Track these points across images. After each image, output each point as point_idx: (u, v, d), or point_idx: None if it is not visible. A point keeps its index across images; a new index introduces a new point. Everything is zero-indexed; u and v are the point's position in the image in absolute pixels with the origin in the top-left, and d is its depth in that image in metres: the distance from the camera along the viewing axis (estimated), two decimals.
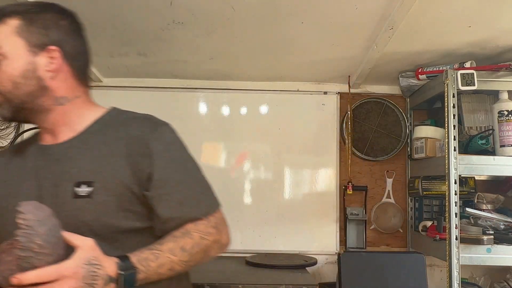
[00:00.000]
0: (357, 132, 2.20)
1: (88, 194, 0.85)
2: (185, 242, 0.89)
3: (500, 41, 1.62)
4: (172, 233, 0.90)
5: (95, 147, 0.91)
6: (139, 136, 0.92)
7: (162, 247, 0.87)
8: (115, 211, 0.87)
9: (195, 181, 0.96)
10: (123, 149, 0.90)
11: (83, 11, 1.45)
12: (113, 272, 0.79)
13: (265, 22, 1.51)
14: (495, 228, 1.70)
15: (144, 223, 0.91)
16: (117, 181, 0.87)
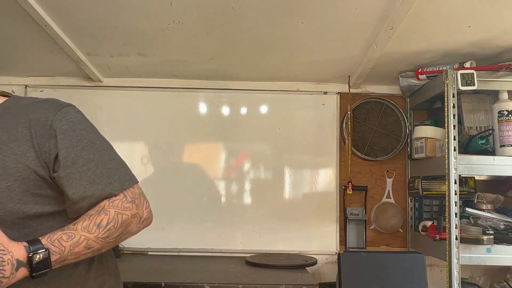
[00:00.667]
0: (357, 132, 2.20)
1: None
2: (101, 218, 0.87)
3: (500, 41, 1.62)
4: (87, 213, 0.89)
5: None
6: (41, 118, 0.88)
7: (76, 226, 0.85)
8: (20, 196, 0.85)
9: (106, 159, 0.94)
10: (25, 133, 0.87)
11: (83, 11, 1.46)
12: (22, 256, 0.77)
13: (265, 22, 1.51)
14: (495, 228, 1.70)
15: (55, 207, 0.90)
16: (20, 165, 0.85)
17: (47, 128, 0.87)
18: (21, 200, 0.85)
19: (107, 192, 0.90)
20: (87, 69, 1.99)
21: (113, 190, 0.91)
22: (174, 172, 2.15)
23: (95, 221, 0.86)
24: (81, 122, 0.95)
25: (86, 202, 0.89)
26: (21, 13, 1.43)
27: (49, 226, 0.88)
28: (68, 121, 0.91)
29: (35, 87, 2.23)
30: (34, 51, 1.86)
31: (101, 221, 0.87)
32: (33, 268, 0.78)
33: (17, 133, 0.87)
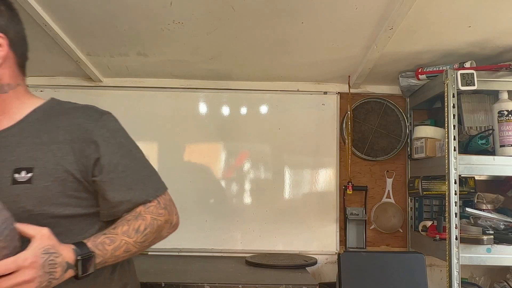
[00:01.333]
0: (357, 132, 2.20)
1: (27, 180, 0.86)
2: (139, 224, 0.92)
3: (500, 41, 1.62)
4: (124, 217, 0.93)
5: (35, 135, 0.91)
6: (83, 124, 0.93)
7: (116, 231, 0.89)
8: (57, 197, 0.88)
9: (141, 166, 1.00)
10: (66, 136, 0.91)
11: (83, 11, 1.46)
12: (71, 258, 0.81)
13: (265, 22, 1.51)
14: (495, 228, 1.70)
15: (87, 209, 0.94)
16: (59, 167, 0.88)
17: (88, 134, 0.93)
18: (57, 201, 0.88)
19: (143, 198, 0.96)
20: (87, 69, 1.99)
21: (148, 196, 0.96)
22: (174, 172, 2.15)
23: (134, 226, 0.92)
24: (120, 130, 1.02)
25: (123, 206, 0.94)
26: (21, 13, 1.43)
27: (81, 227, 0.92)
28: (108, 128, 0.97)
29: (35, 87, 2.23)
30: (34, 51, 1.84)
31: (139, 226, 0.92)
32: (78, 270, 0.82)
33: (58, 136, 0.91)
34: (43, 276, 0.75)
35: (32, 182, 0.86)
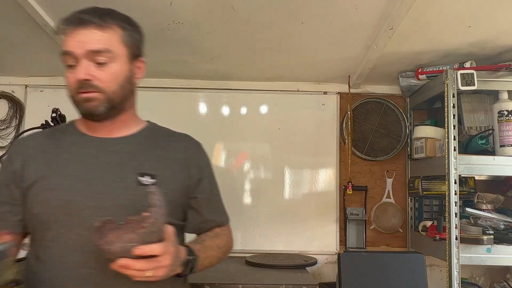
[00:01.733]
0: (357, 132, 2.20)
1: (152, 184, 0.98)
2: (219, 241, 1.10)
3: (500, 41, 1.62)
4: (206, 234, 1.10)
5: (151, 148, 1.05)
6: (188, 147, 1.11)
7: (205, 243, 1.03)
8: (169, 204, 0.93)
9: (219, 194, 1.18)
10: (177, 155, 1.06)
11: None
12: (185, 257, 0.92)
13: (265, 22, 1.51)
14: (495, 228, 1.70)
15: (180, 221, 1.06)
16: (173, 180, 1.02)
17: (194, 157, 1.09)
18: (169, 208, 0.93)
19: (221, 222, 1.16)
20: None
21: (224, 221, 1.17)
22: None
23: (216, 242, 1.09)
24: (210, 160, 1.17)
25: (209, 224, 1.12)
26: (21, 13, 1.44)
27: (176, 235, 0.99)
28: (206, 156, 1.14)
29: (35, 87, 2.23)
30: (34, 51, 1.86)
31: (219, 243, 1.10)
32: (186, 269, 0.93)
33: (170, 153, 1.06)
34: (172, 265, 0.86)
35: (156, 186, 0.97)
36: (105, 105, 0.97)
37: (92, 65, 0.95)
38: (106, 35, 0.96)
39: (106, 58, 0.95)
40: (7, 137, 2.17)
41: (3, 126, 2.18)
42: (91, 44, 0.94)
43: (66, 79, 0.99)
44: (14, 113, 2.19)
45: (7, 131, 2.18)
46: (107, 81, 0.96)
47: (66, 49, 0.96)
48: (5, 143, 2.16)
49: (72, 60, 0.96)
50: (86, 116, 1.00)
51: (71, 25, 0.96)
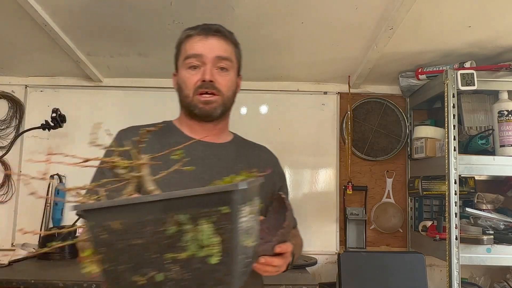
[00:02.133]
0: (357, 132, 2.20)
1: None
2: (299, 240, 1.18)
3: (500, 41, 1.62)
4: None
5: (247, 155, 1.15)
6: (273, 159, 1.24)
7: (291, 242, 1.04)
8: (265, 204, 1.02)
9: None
10: (267, 163, 1.16)
11: (83, 11, 1.46)
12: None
13: (265, 22, 1.51)
14: (495, 228, 1.70)
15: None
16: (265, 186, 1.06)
17: (277, 167, 1.22)
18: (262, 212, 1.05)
19: (295, 223, 1.25)
20: (87, 69, 1.99)
21: (296, 223, 1.27)
22: None
23: (297, 242, 1.14)
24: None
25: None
26: (21, 13, 1.44)
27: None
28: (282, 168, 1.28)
29: (35, 87, 2.23)
30: (34, 51, 1.86)
31: (299, 242, 1.18)
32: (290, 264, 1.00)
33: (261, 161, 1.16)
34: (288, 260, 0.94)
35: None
36: (221, 108, 1.07)
37: (214, 70, 1.05)
38: (229, 47, 1.08)
39: (228, 66, 1.07)
40: (7, 137, 2.17)
41: (3, 126, 2.18)
42: (219, 51, 1.05)
43: (185, 79, 1.06)
44: (14, 113, 2.19)
45: (7, 131, 2.18)
46: (225, 86, 1.06)
47: (196, 52, 1.04)
48: (5, 143, 2.16)
49: (198, 63, 1.05)
50: (202, 117, 1.08)
51: (204, 32, 1.06)
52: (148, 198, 0.53)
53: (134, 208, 0.53)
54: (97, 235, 0.54)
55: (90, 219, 0.55)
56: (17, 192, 2.16)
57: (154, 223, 0.53)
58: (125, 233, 0.53)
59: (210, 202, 0.52)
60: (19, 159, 2.17)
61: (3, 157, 2.07)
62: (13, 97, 2.19)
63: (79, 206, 0.55)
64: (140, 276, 0.54)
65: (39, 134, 2.16)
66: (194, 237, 0.52)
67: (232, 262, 0.53)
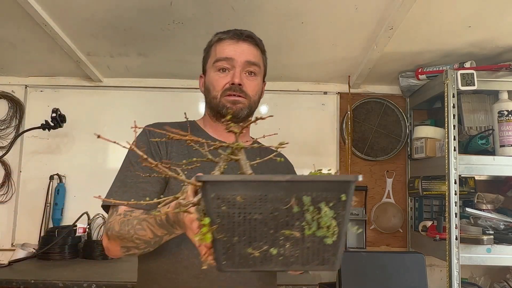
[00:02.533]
0: (357, 132, 2.20)
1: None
2: None
3: (500, 41, 1.62)
4: None
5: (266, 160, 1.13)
6: (288, 163, 1.26)
7: None
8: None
9: None
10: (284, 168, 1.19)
11: (83, 11, 1.46)
12: None
13: (265, 22, 1.51)
14: (495, 228, 1.70)
15: None
16: None
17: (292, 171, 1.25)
18: None
19: None
20: (87, 69, 1.99)
21: None
22: None
23: None
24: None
25: None
26: (21, 13, 1.44)
27: None
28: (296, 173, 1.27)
29: (35, 87, 2.23)
30: (34, 51, 1.86)
31: None
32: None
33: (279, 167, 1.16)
34: None
35: None
36: (246, 110, 1.09)
37: (243, 74, 1.08)
38: (258, 52, 1.12)
39: (256, 71, 1.10)
40: (7, 137, 2.17)
41: (3, 126, 2.18)
42: (249, 56, 1.09)
43: (213, 81, 1.08)
44: (14, 113, 2.19)
45: (7, 131, 2.18)
46: (252, 91, 1.09)
47: (227, 55, 1.07)
48: (5, 143, 2.16)
49: (228, 66, 1.07)
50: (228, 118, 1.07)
51: (236, 36, 1.09)
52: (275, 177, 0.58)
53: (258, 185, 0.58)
54: (217, 206, 0.58)
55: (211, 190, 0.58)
56: (17, 192, 2.16)
57: (276, 201, 0.57)
58: (245, 207, 0.57)
59: (332, 188, 0.59)
60: (19, 159, 2.17)
61: (3, 157, 2.07)
62: (13, 97, 2.19)
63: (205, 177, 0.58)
64: (253, 249, 0.58)
65: (39, 134, 2.16)
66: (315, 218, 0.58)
67: (340, 244, 0.59)
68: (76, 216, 2.06)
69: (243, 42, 1.09)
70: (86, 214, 2.10)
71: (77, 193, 2.17)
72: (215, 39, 1.13)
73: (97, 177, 2.17)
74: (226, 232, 0.58)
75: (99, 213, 2.13)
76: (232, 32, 1.11)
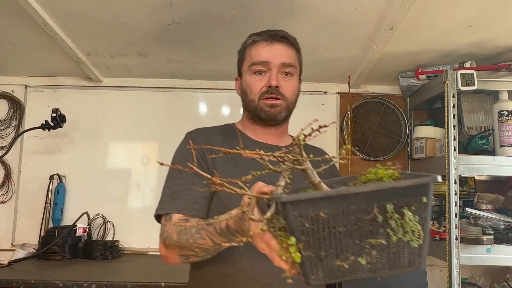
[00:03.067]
0: (357, 132, 2.20)
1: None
2: None
3: (500, 41, 1.62)
4: None
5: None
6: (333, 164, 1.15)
7: None
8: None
9: None
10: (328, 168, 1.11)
11: (83, 11, 1.46)
12: None
13: (265, 22, 1.51)
14: (495, 228, 1.70)
15: None
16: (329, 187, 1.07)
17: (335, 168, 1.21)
18: None
19: None
20: (87, 69, 1.99)
21: None
22: None
23: None
24: None
25: None
26: (21, 13, 1.44)
27: None
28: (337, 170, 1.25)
29: (35, 87, 2.23)
30: (34, 51, 1.86)
31: None
32: None
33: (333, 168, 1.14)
34: None
35: None
36: (285, 112, 1.09)
37: (280, 75, 1.08)
38: (293, 52, 1.12)
39: (292, 71, 1.11)
40: (7, 137, 2.18)
41: (3, 126, 2.18)
42: (285, 58, 1.09)
43: (250, 84, 1.10)
44: (14, 113, 2.19)
45: (7, 131, 2.18)
46: (289, 91, 1.10)
47: (262, 58, 1.07)
48: (5, 143, 2.16)
49: (264, 68, 1.08)
50: (267, 120, 1.10)
51: (270, 38, 1.09)
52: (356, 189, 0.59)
53: (339, 199, 0.58)
54: (300, 224, 0.59)
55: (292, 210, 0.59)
56: (17, 192, 2.16)
57: (359, 211, 0.58)
58: (328, 222, 0.58)
59: (412, 193, 0.58)
60: (19, 159, 2.17)
61: (3, 157, 2.07)
62: (13, 97, 2.20)
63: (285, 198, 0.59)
64: (341, 260, 0.59)
65: (39, 134, 2.16)
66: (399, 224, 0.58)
67: (425, 245, 0.60)
68: (76, 216, 2.06)
69: (278, 43, 1.09)
70: (86, 214, 2.10)
71: (77, 193, 2.17)
72: (249, 42, 1.13)
73: (97, 177, 2.17)
74: (313, 247, 0.59)
75: (99, 213, 2.13)
76: (266, 33, 1.10)
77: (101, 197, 2.15)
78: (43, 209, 2.11)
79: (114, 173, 2.18)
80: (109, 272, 1.74)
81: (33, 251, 1.99)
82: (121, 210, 2.16)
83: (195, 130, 1.17)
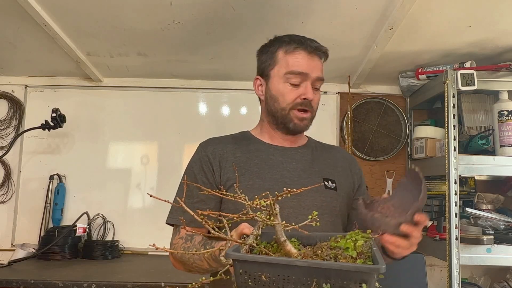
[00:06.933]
0: (357, 132, 2.20)
1: (334, 188, 1.11)
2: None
3: (500, 41, 1.62)
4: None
5: (324, 157, 1.19)
6: (348, 158, 1.24)
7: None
8: (345, 204, 1.12)
9: None
10: (344, 164, 1.19)
11: (83, 11, 1.46)
12: None
13: (265, 22, 1.51)
14: (495, 228, 1.70)
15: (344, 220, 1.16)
16: (346, 185, 1.15)
17: (354, 166, 1.22)
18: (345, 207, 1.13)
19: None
20: (87, 69, 1.99)
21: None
22: (174, 172, 2.15)
23: None
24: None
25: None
26: (21, 13, 1.44)
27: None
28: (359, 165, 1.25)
29: (35, 87, 2.23)
30: (34, 51, 1.86)
31: None
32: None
33: (338, 162, 1.19)
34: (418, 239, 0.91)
35: (337, 190, 1.11)
36: (310, 124, 1.14)
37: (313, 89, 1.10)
38: (323, 65, 1.15)
39: (321, 84, 1.13)
40: (7, 137, 2.18)
41: (3, 126, 2.18)
42: (319, 72, 1.11)
43: (284, 93, 1.09)
44: (14, 113, 2.19)
45: (7, 131, 2.18)
46: (316, 103, 1.12)
47: (302, 70, 1.08)
48: (5, 143, 2.16)
49: (299, 80, 1.09)
50: (294, 132, 1.14)
51: (309, 49, 1.10)
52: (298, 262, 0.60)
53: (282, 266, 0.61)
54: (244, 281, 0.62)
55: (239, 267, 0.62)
56: (17, 192, 2.16)
57: (298, 282, 0.60)
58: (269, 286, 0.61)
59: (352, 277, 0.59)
60: (19, 159, 2.17)
61: (3, 157, 2.06)
62: (13, 97, 2.20)
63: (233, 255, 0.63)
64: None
65: (39, 134, 2.16)
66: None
67: None
68: (76, 216, 2.06)
69: (315, 56, 1.12)
70: (86, 214, 2.10)
71: (77, 193, 2.17)
72: (282, 44, 1.12)
73: (97, 177, 2.17)
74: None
75: (99, 213, 2.13)
76: (304, 42, 1.11)
77: (101, 197, 2.15)
78: (43, 209, 2.11)
79: (114, 173, 2.18)
80: (109, 272, 1.74)
81: (33, 251, 1.99)
82: (121, 210, 2.16)
83: (206, 141, 1.19)
